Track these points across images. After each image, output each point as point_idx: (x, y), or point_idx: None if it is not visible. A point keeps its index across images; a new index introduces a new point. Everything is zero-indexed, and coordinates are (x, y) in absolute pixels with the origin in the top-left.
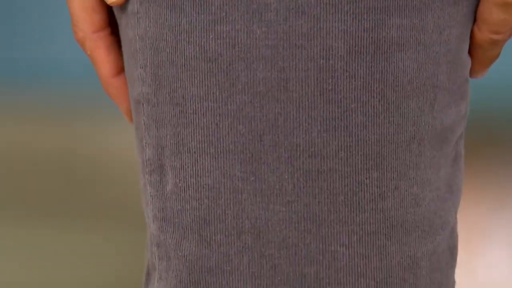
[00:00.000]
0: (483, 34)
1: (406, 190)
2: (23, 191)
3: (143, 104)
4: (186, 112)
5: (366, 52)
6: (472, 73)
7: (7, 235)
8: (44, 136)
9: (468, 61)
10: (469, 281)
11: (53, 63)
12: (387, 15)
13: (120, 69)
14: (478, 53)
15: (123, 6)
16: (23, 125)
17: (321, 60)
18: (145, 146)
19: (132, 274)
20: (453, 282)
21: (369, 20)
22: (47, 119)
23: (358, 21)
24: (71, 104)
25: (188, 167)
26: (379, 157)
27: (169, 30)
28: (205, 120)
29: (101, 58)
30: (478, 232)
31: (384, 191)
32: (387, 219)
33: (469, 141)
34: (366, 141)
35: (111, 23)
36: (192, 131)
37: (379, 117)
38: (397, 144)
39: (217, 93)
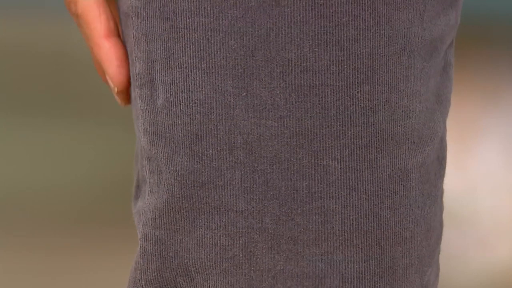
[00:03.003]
0: None
1: (396, 103)
2: (18, 85)
3: (132, 18)
4: (176, 27)
5: None
6: None
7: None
8: (38, 32)
9: None
10: (461, 175)
11: None
12: None
13: (112, 31)
14: None
15: None
16: (18, 21)
17: None
18: (135, 59)
19: (126, 166)
20: (442, 192)
21: None
22: (43, 17)
23: None
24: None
25: (179, 82)
26: (370, 71)
27: None
28: (196, 35)
29: (92, 17)
30: (470, 127)
31: (375, 104)
32: (378, 132)
33: (462, 36)
34: (357, 55)
35: None
36: (183, 46)
37: (370, 30)
38: (388, 57)
39: (208, 8)
